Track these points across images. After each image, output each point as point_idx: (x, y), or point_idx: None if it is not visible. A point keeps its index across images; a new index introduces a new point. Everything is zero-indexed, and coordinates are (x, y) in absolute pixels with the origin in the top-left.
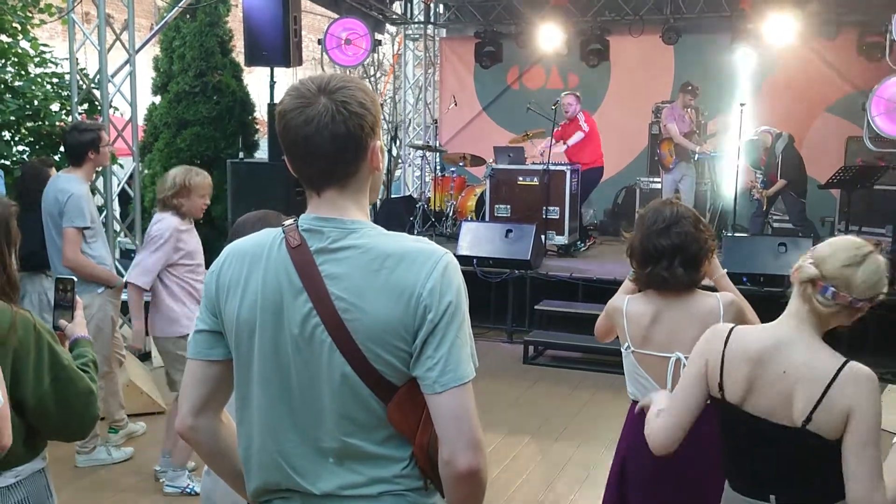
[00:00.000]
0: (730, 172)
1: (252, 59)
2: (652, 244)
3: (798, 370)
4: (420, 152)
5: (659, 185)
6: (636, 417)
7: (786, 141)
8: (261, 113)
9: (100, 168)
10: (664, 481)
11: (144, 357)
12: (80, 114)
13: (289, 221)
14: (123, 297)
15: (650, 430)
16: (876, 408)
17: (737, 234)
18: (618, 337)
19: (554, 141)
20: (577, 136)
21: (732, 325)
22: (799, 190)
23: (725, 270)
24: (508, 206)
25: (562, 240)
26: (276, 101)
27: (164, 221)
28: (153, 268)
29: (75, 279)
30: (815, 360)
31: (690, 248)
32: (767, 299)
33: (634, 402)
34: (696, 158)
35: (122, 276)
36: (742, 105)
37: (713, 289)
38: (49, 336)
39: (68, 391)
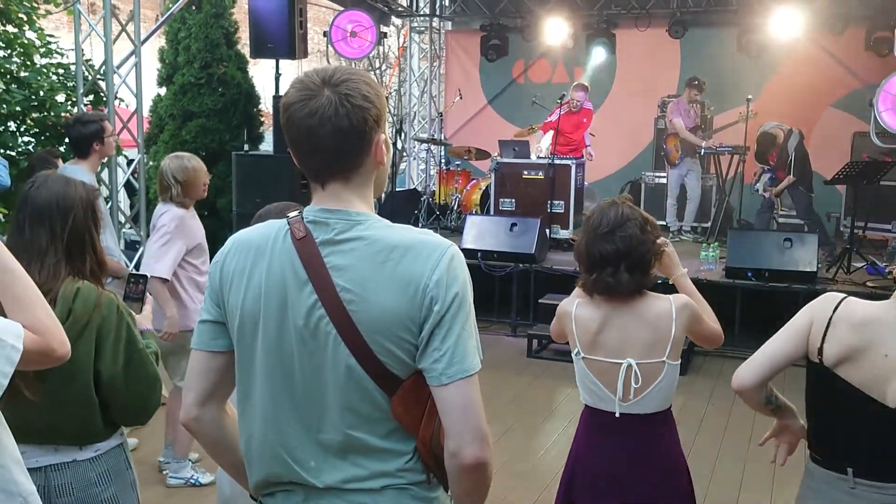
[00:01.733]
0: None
1: (257, 52)
2: (597, 249)
3: None
4: (425, 145)
5: (664, 180)
6: (587, 425)
7: (797, 138)
8: (266, 105)
9: (105, 158)
10: (610, 494)
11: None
12: (85, 105)
13: (293, 213)
14: None
15: (736, 371)
16: None
17: (742, 229)
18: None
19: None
20: (588, 138)
21: (846, 295)
22: (806, 184)
23: (686, 270)
24: (513, 200)
25: (566, 233)
26: (282, 93)
27: (170, 212)
28: (175, 258)
29: (148, 276)
30: None
31: (636, 252)
32: (772, 294)
33: (586, 408)
34: (702, 153)
35: (128, 266)
36: (749, 99)
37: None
38: (129, 318)
39: (139, 373)
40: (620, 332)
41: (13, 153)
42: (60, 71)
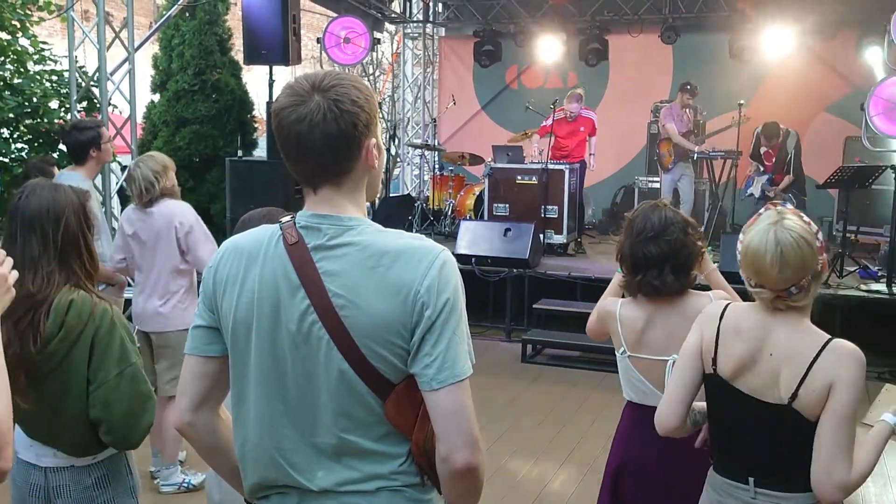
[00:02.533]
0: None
1: (251, 58)
2: (641, 252)
3: (783, 351)
4: (419, 151)
5: (658, 185)
6: (633, 420)
7: (795, 138)
8: (260, 111)
9: (101, 165)
10: (659, 484)
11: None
12: (78, 111)
13: (286, 218)
14: (126, 294)
15: (656, 413)
16: (856, 383)
17: (735, 234)
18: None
19: (551, 157)
20: (594, 142)
21: (728, 302)
22: (799, 186)
23: (717, 265)
24: (507, 205)
25: (560, 239)
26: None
27: (186, 206)
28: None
29: None
30: (800, 339)
31: (680, 255)
32: None
33: (630, 404)
34: (694, 158)
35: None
36: (741, 104)
37: (707, 287)
38: (123, 331)
39: (130, 389)
40: (665, 330)
41: (6, 160)
42: (54, 78)
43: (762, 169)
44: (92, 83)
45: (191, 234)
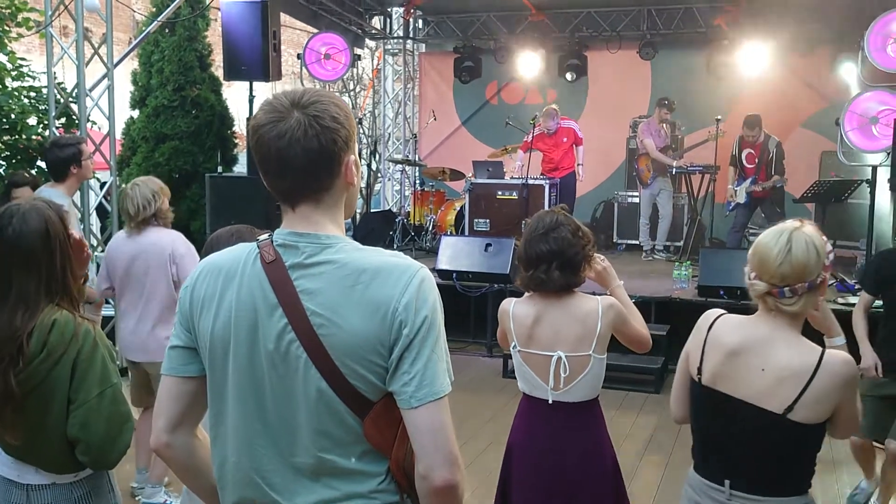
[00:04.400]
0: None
1: (231, 74)
2: (533, 249)
3: (778, 368)
4: (399, 166)
5: (637, 200)
6: (524, 410)
7: (776, 142)
8: (240, 127)
9: (82, 182)
10: (545, 478)
11: (122, 372)
12: (57, 128)
13: (263, 237)
14: (104, 312)
15: None
16: (854, 393)
17: (714, 248)
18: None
19: (543, 172)
20: (580, 152)
21: (722, 312)
22: (777, 199)
23: (622, 282)
24: (487, 221)
25: None
26: None
27: (178, 236)
28: None
29: None
30: (795, 356)
31: (566, 253)
32: (745, 312)
33: (524, 395)
34: (673, 173)
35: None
36: (718, 119)
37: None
38: (105, 351)
39: (110, 409)
40: (552, 326)
41: None
42: (32, 94)
43: (744, 175)
44: (70, 99)
45: (180, 265)
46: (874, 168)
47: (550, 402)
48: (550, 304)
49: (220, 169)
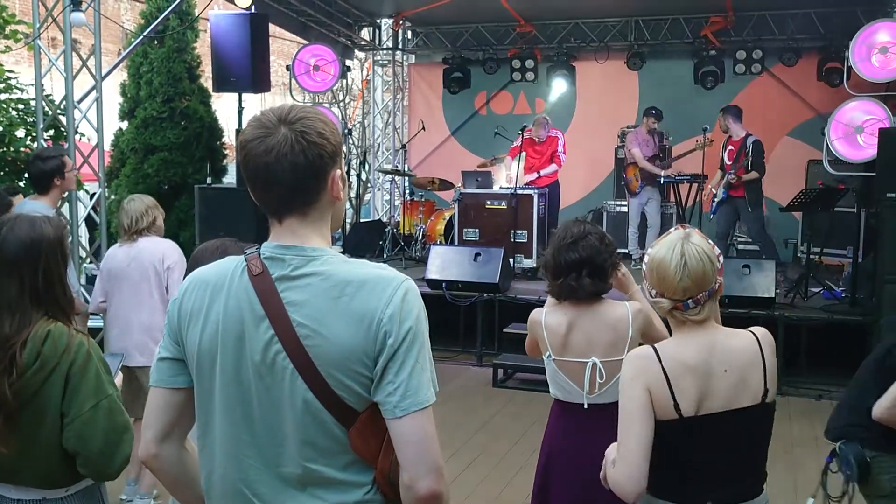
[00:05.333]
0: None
1: (220, 85)
2: (562, 257)
3: (733, 360)
4: (389, 177)
5: (625, 209)
6: (559, 415)
7: (754, 138)
8: (229, 138)
9: (66, 193)
10: (581, 470)
11: None
12: (45, 140)
13: (251, 250)
14: (91, 323)
15: (613, 481)
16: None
17: None
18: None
19: (524, 173)
20: (551, 168)
21: (650, 346)
22: (753, 201)
23: (641, 286)
24: (477, 230)
25: (530, 263)
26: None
27: (172, 245)
28: None
29: None
30: (736, 344)
31: (596, 260)
32: (732, 320)
33: (556, 401)
34: (661, 182)
35: (88, 302)
36: (705, 129)
37: None
38: (100, 363)
39: (107, 420)
40: (585, 333)
41: None
42: (20, 106)
43: (724, 171)
44: (59, 111)
45: (171, 274)
46: (860, 177)
47: (586, 406)
48: (581, 311)
49: (209, 180)
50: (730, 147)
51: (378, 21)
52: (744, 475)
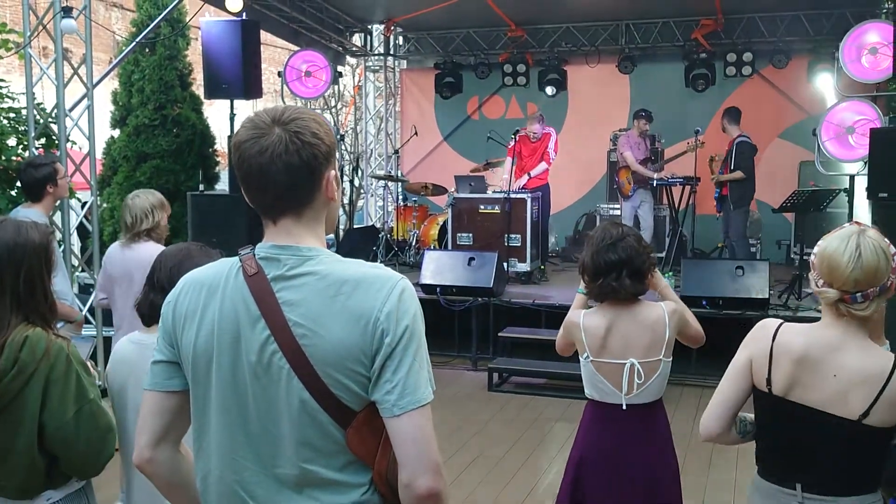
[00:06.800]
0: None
1: (212, 92)
2: (602, 259)
3: (851, 374)
4: (382, 182)
5: (618, 212)
6: (595, 416)
7: (742, 139)
8: (221, 145)
9: (59, 201)
10: (618, 470)
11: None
12: (37, 148)
13: (246, 250)
14: (83, 332)
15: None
16: None
17: (695, 259)
18: (577, 350)
19: (515, 178)
20: (540, 168)
21: (781, 321)
22: (736, 200)
23: (677, 289)
24: (470, 235)
25: (524, 267)
26: None
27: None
28: None
29: None
30: (868, 362)
31: (635, 262)
32: (726, 322)
33: (591, 401)
34: (654, 185)
35: (82, 310)
36: (697, 131)
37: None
38: (80, 367)
39: (89, 424)
40: (624, 335)
41: None
42: (11, 115)
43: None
44: (50, 120)
45: None
46: (852, 177)
47: (624, 406)
48: (620, 313)
49: (201, 187)
50: (727, 147)
51: (369, 27)
52: (835, 473)
